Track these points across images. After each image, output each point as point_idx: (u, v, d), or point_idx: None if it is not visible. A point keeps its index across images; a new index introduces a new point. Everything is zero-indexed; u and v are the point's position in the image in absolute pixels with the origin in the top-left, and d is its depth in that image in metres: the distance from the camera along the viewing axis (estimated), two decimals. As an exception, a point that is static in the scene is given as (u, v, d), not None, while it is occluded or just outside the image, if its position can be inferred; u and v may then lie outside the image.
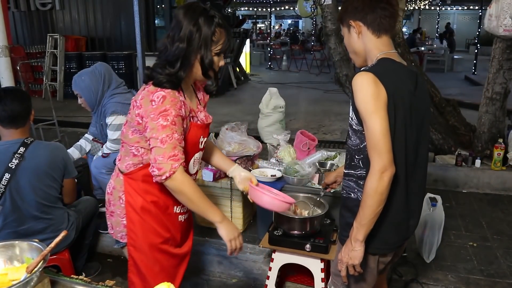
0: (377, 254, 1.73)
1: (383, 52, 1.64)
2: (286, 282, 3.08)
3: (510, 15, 3.91)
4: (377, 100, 1.49)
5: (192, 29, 1.64)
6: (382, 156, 1.48)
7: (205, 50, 1.68)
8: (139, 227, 1.83)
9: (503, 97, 4.48)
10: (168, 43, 1.68)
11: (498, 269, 3.01)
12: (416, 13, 26.44)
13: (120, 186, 1.85)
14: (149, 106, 1.64)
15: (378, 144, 1.48)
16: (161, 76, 1.67)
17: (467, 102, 7.95)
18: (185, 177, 1.66)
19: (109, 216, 1.95)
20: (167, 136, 1.61)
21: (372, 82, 1.51)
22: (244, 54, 12.52)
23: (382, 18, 1.62)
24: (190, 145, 1.80)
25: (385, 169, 1.49)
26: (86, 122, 7.29)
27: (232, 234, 1.78)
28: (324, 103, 9.02)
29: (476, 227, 3.65)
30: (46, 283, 1.40)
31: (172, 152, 1.62)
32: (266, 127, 5.58)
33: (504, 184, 4.34)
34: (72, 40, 9.86)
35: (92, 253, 3.44)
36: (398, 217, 1.69)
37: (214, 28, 1.67)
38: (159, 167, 1.61)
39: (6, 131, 2.46)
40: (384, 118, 1.49)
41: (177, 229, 1.94)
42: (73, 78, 3.37)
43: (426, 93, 1.78)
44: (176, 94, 1.68)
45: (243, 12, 25.77)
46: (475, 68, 13.08)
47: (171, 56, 1.67)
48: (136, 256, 1.88)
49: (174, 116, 1.64)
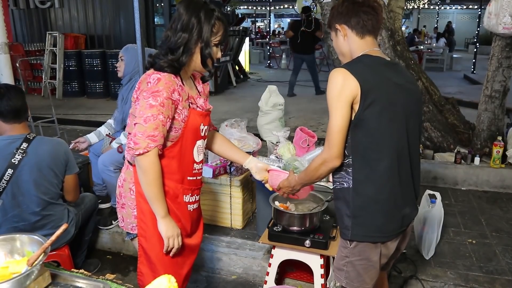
0: (377, 242, 1.76)
1: (365, 51, 1.76)
2: (285, 279, 3.09)
3: (510, 13, 3.92)
4: (340, 97, 1.63)
5: (194, 20, 1.74)
6: (332, 149, 1.67)
7: (206, 40, 1.77)
8: (149, 217, 1.85)
9: (502, 95, 4.49)
10: (170, 34, 1.77)
11: (497, 266, 3.02)
12: (415, 12, 26.47)
13: (130, 178, 1.89)
14: (145, 87, 1.73)
15: (331, 138, 1.67)
16: (163, 61, 1.75)
17: (466, 100, 7.97)
18: (156, 160, 1.73)
19: (120, 209, 1.98)
20: (152, 115, 1.68)
21: (341, 79, 1.63)
22: (243, 53, 12.52)
23: (364, 21, 1.75)
24: (190, 132, 1.86)
25: (330, 160, 1.70)
26: (86, 120, 7.34)
27: (171, 232, 1.83)
28: (323, 101, 8.86)
29: (475, 224, 3.66)
30: (47, 277, 1.41)
31: (152, 132, 1.68)
32: (265, 124, 5.59)
33: (503, 181, 4.35)
34: (71, 38, 9.84)
35: (92, 249, 3.44)
36: (392, 205, 1.74)
37: (214, 21, 1.77)
38: (135, 141, 1.68)
39: (8, 126, 2.47)
40: (343, 116, 1.63)
41: (187, 218, 1.96)
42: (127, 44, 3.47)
43: (413, 83, 1.86)
44: (172, 77, 1.76)
45: (242, 11, 25.72)
46: (474, 67, 13.10)
47: (174, 44, 1.75)
48: (146, 246, 1.89)
49: (165, 98, 1.70)
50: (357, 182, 1.71)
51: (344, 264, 1.82)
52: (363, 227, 1.74)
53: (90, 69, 9.29)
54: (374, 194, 1.71)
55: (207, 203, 3.40)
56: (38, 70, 9.69)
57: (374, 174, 1.69)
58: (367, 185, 1.71)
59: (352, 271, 1.80)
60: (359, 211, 1.73)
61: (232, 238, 3.32)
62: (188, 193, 1.94)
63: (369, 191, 1.71)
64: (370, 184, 1.70)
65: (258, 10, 27.32)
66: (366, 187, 1.71)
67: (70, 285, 1.43)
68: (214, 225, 3.46)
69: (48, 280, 1.41)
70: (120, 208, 1.98)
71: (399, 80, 1.74)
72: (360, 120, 1.64)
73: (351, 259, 1.80)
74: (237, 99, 9.34)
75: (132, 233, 1.97)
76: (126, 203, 1.94)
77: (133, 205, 1.90)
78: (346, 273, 1.82)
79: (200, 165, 1.99)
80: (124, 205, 1.95)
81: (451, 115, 4.98)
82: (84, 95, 9.60)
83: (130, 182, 1.90)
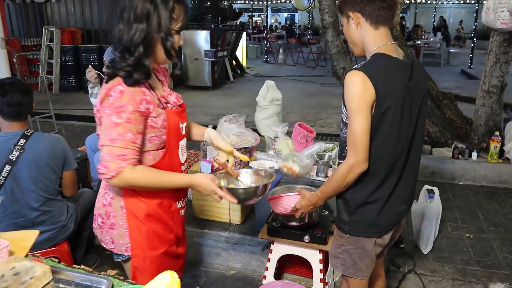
0: (372, 237, 1.80)
1: (379, 46, 1.67)
2: (284, 274, 3.10)
3: (508, 8, 3.92)
4: (362, 101, 1.57)
5: (149, 7, 1.50)
6: (358, 154, 1.61)
7: (166, 29, 1.53)
8: (145, 237, 1.72)
9: (500, 90, 4.50)
10: (124, 27, 1.53)
11: (494, 260, 3.04)
12: (412, 6, 26.43)
13: (120, 195, 1.70)
14: (106, 102, 1.52)
15: (356, 142, 1.60)
16: (123, 67, 1.51)
17: (463, 95, 7.98)
18: (135, 172, 1.54)
19: (108, 230, 1.74)
20: (119, 134, 1.50)
21: (360, 83, 1.56)
22: (240, 47, 12.49)
23: (380, 10, 1.64)
24: (172, 134, 1.70)
25: (357, 165, 1.62)
26: (83, 115, 7.31)
27: (209, 187, 1.67)
28: (321, 96, 9.02)
29: (472, 219, 3.68)
30: (48, 273, 1.40)
31: (121, 152, 1.51)
32: (263, 119, 5.58)
33: (501, 176, 4.37)
34: (68, 32, 9.79)
35: (91, 245, 3.44)
36: (389, 204, 1.75)
37: (172, 4, 1.53)
38: (105, 165, 1.52)
39: (7, 123, 2.46)
40: (366, 119, 1.58)
41: (178, 224, 1.86)
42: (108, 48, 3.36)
43: (422, 80, 1.81)
44: (136, 87, 1.53)
45: (239, 5, 25.61)
46: (471, 62, 13.11)
47: (130, 41, 1.51)
48: (141, 266, 1.75)
49: (130, 113, 1.50)
50: (357, 182, 1.70)
51: (340, 252, 1.87)
52: (360, 223, 1.78)
53: (87, 64, 9.04)
54: (372, 194, 1.73)
55: (205, 199, 3.40)
56: (34, 65, 9.65)
57: (374, 175, 1.70)
58: (366, 185, 1.72)
59: (348, 259, 1.85)
60: (356, 209, 1.76)
61: (230, 233, 3.32)
62: (181, 198, 1.84)
63: (368, 191, 1.72)
64: (370, 184, 1.72)
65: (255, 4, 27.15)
66: (365, 187, 1.72)
67: (72, 281, 1.43)
68: (213, 221, 3.46)
69: (49, 276, 1.40)
70: (108, 229, 1.74)
71: (410, 83, 1.69)
72: (372, 126, 1.62)
73: (346, 247, 1.84)
74: (234, 94, 9.33)
75: (125, 254, 1.76)
76: (117, 223, 1.72)
77: (126, 224, 1.71)
78: (342, 261, 1.88)
79: (185, 166, 1.83)
80: (114, 225, 1.72)
81: (448, 110, 4.99)
82: (81, 90, 9.56)
83: (120, 200, 1.70)
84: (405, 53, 1.73)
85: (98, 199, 1.79)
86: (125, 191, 1.68)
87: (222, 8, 12.81)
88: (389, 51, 1.67)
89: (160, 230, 1.75)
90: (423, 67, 1.86)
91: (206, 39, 9.31)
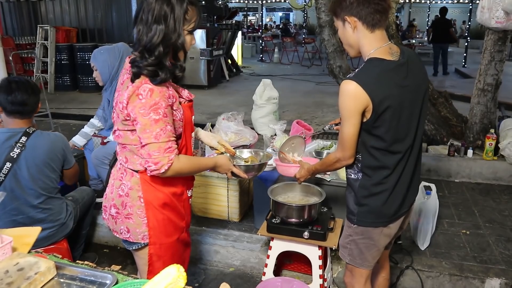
0: (379, 227, 1.90)
1: (375, 49, 1.73)
2: (283, 271, 3.11)
3: (502, 7, 3.95)
4: (352, 108, 1.70)
5: (166, 9, 1.59)
6: (345, 152, 1.81)
7: (179, 29, 1.63)
8: (162, 224, 1.80)
9: (495, 89, 4.54)
10: (143, 28, 1.61)
11: (491, 255, 3.07)
12: (406, 6, 26.52)
13: (138, 185, 1.76)
14: (137, 101, 1.59)
15: (344, 142, 1.79)
16: (149, 67, 1.60)
17: (458, 94, 8.02)
18: (181, 161, 1.68)
19: (124, 220, 1.80)
20: (161, 130, 1.60)
21: (352, 92, 1.67)
22: (236, 46, 12.49)
23: (376, 13, 1.69)
24: (187, 127, 1.80)
25: (343, 159, 1.84)
26: (78, 114, 7.29)
27: (228, 166, 1.95)
28: (316, 95, 9.04)
29: (468, 215, 3.71)
30: (52, 268, 1.41)
31: (167, 145, 1.62)
32: (259, 118, 5.60)
33: (496, 173, 4.41)
34: (62, 31, 9.73)
35: (89, 243, 3.44)
36: (394, 195, 1.86)
37: (186, 6, 1.63)
38: (155, 162, 1.61)
39: (10, 120, 2.46)
40: (354, 125, 1.73)
41: (188, 212, 1.96)
42: (93, 51, 3.37)
43: (420, 74, 1.86)
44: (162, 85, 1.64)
45: (234, 4, 25.59)
46: (465, 61, 13.18)
47: (149, 42, 1.60)
48: (159, 253, 1.83)
49: (165, 108, 1.61)
50: (364, 175, 1.84)
51: (348, 242, 1.98)
52: (367, 214, 1.88)
53: (82, 62, 9.18)
54: (378, 185, 1.84)
55: (204, 196, 3.41)
56: (29, 64, 9.58)
57: (380, 169, 1.82)
58: (373, 177, 1.83)
59: (355, 249, 1.96)
60: (364, 200, 1.87)
61: (229, 230, 3.34)
62: (190, 187, 1.95)
63: (374, 183, 1.84)
64: (376, 177, 1.83)
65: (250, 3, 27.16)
66: (372, 179, 1.84)
67: (76, 276, 1.43)
68: (212, 218, 3.47)
69: (53, 272, 1.41)
70: (124, 219, 1.80)
71: (407, 82, 1.74)
72: (372, 127, 1.74)
73: (354, 238, 1.94)
74: (230, 93, 9.33)
75: (141, 242, 1.83)
76: (134, 212, 1.78)
77: (143, 213, 1.78)
78: (349, 251, 1.98)
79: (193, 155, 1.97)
80: (131, 214, 1.79)
81: (444, 108, 5.02)
82: (76, 89, 9.52)
83: (138, 190, 1.76)
84: (400, 51, 1.78)
85: (112, 190, 1.84)
86: (143, 182, 1.76)
87: (217, 7, 12.80)
88: (384, 54, 1.72)
89: (174, 217, 1.85)
90: (420, 60, 1.90)
91: (202, 38, 9.29)
